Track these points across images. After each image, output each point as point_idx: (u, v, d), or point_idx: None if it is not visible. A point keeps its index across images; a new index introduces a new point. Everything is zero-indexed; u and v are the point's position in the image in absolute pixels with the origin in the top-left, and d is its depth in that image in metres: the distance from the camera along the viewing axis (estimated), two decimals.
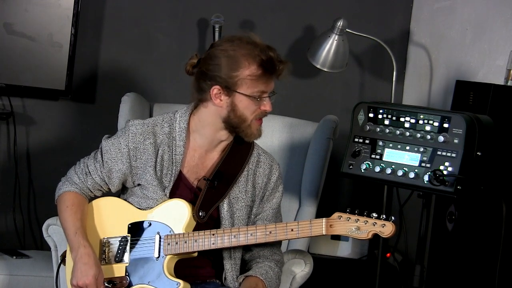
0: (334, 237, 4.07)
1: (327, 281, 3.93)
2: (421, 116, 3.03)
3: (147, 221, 2.87)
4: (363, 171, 3.10)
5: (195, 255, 2.85)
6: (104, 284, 2.83)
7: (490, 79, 3.61)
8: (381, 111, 3.10)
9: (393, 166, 3.05)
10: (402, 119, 3.07)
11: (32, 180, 4.10)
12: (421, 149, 3.01)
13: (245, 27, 4.20)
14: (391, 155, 3.06)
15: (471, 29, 3.99)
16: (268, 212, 2.96)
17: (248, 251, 2.95)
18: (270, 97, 2.85)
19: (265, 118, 3.71)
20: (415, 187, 3.02)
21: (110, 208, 2.93)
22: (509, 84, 3.37)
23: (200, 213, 2.84)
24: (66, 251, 2.93)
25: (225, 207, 2.89)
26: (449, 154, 2.95)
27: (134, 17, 4.18)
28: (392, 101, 4.09)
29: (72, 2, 3.89)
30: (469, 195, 2.99)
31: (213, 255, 2.91)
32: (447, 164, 2.94)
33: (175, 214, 2.84)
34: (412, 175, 2.99)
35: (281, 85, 4.39)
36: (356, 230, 2.70)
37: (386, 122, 3.09)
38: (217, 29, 3.95)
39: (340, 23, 3.99)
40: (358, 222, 2.70)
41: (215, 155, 2.93)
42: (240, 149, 2.94)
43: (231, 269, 2.90)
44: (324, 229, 2.72)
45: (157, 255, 2.83)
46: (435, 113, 3.01)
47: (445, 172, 2.93)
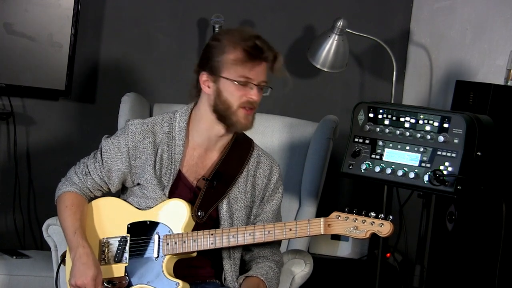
0: (334, 237, 4.07)
1: (327, 281, 3.93)
2: (421, 116, 3.03)
3: (147, 221, 2.86)
4: (363, 171, 3.10)
5: (194, 255, 2.84)
6: (104, 284, 2.83)
7: (490, 79, 3.61)
8: (381, 111, 3.10)
9: (393, 166, 3.05)
10: (402, 119, 3.06)
11: (32, 180, 4.09)
12: (421, 149, 3.01)
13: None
14: (391, 155, 3.06)
15: (471, 29, 3.99)
16: (268, 214, 2.95)
17: (248, 252, 2.95)
18: (263, 89, 2.83)
19: (265, 118, 3.72)
20: (415, 187, 3.02)
21: (110, 208, 2.93)
22: (509, 84, 3.37)
23: (199, 213, 2.83)
24: (66, 252, 2.93)
25: (224, 208, 2.88)
26: (449, 154, 2.95)
27: (134, 17, 4.18)
28: (392, 101, 4.09)
29: (72, 2, 3.88)
30: (469, 195, 2.99)
31: (213, 255, 2.91)
32: (447, 164, 2.94)
33: (174, 214, 2.83)
34: (412, 175, 2.99)
35: (281, 85, 4.41)
36: (354, 230, 2.69)
37: (386, 122, 3.09)
38: (217, 29, 3.94)
39: (340, 23, 3.99)
40: (356, 222, 2.70)
41: (215, 155, 2.92)
42: (240, 149, 2.94)
43: (231, 269, 2.90)
44: (322, 229, 2.72)
45: (156, 255, 2.82)
46: (435, 113, 3.01)
47: (445, 172, 2.93)
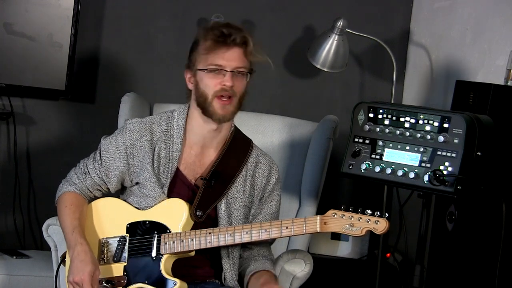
0: (334, 237, 4.07)
1: (327, 281, 3.93)
2: (421, 116, 3.02)
3: (146, 221, 2.86)
4: (363, 171, 3.10)
5: (193, 254, 2.84)
6: (103, 284, 2.83)
7: (490, 79, 3.61)
8: (381, 111, 3.10)
9: (393, 166, 3.04)
10: (402, 119, 3.06)
11: (32, 180, 4.09)
12: (421, 149, 3.01)
13: (245, 27, 4.20)
14: (391, 155, 3.06)
15: (471, 29, 3.98)
16: (267, 218, 2.96)
17: (247, 250, 2.95)
18: (244, 76, 2.83)
19: (265, 118, 3.72)
20: (415, 187, 3.02)
21: (109, 208, 2.94)
22: (509, 84, 3.36)
23: (198, 213, 2.83)
24: (66, 252, 2.93)
25: (223, 207, 2.88)
26: (449, 154, 2.94)
27: (134, 17, 4.18)
28: (392, 101, 4.09)
29: (72, 2, 3.88)
30: (469, 195, 2.99)
31: (212, 255, 2.91)
32: (447, 164, 2.94)
33: (173, 214, 2.84)
34: (412, 175, 2.99)
35: (282, 85, 4.41)
36: (350, 227, 2.70)
37: (386, 122, 3.09)
38: None
39: (340, 23, 3.99)
40: (352, 219, 2.70)
41: (212, 153, 2.93)
42: (238, 149, 2.94)
43: (230, 269, 2.89)
44: (318, 227, 2.72)
45: (155, 255, 2.83)
46: (435, 113, 3.01)
47: (445, 172, 2.93)
